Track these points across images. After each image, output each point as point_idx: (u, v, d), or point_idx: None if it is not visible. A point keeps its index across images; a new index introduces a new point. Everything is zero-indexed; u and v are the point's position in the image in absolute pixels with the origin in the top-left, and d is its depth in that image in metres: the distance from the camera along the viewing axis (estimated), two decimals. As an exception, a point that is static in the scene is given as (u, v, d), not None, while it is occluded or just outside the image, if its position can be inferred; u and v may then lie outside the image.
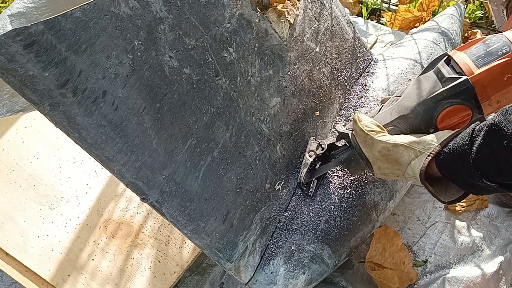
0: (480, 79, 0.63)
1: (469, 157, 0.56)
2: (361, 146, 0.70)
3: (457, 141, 0.59)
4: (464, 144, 0.57)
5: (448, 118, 0.66)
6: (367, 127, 0.69)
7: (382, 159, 0.68)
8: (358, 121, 0.70)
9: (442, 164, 0.61)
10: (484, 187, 0.57)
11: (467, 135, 0.57)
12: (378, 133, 0.68)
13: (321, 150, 0.82)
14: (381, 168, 0.69)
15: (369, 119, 0.70)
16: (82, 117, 0.51)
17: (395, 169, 0.67)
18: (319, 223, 0.79)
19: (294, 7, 0.83)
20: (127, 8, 0.54)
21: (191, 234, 0.66)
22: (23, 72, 0.46)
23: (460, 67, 0.65)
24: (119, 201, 1.00)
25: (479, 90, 0.64)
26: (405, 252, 0.92)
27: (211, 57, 0.66)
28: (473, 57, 0.65)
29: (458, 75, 0.65)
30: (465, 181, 0.59)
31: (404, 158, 0.64)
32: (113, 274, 0.91)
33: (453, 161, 0.59)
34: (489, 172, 0.55)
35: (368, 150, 0.69)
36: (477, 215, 1.01)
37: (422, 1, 1.53)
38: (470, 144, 0.56)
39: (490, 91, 0.64)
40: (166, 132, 0.60)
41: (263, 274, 0.75)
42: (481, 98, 0.65)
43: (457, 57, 0.67)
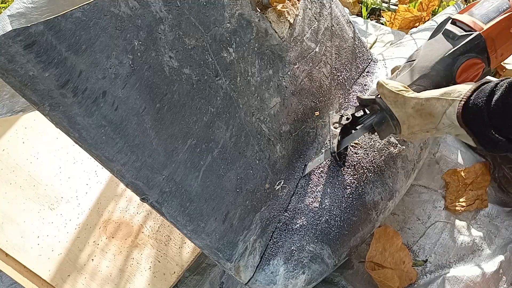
0: (489, 33, 0.70)
1: (485, 108, 0.59)
2: (391, 107, 0.72)
3: (481, 93, 0.61)
4: (484, 96, 0.60)
5: (466, 72, 0.72)
6: (396, 87, 0.70)
7: (415, 115, 0.69)
8: (386, 84, 0.71)
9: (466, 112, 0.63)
10: (495, 141, 0.60)
11: (489, 88, 0.60)
12: (408, 91, 0.70)
13: (346, 120, 0.82)
14: (411, 126, 0.71)
15: (394, 82, 0.72)
16: (82, 117, 0.51)
17: (427, 123, 0.69)
18: (319, 223, 0.79)
19: (294, 7, 0.83)
20: (127, 8, 0.54)
21: (191, 234, 0.66)
22: (23, 73, 0.46)
23: (468, 25, 0.72)
24: (119, 202, 1.00)
25: (489, 43, 0.71)
26: (405, 251, 0.92)
27: (211, 57, 0.66)
28: (477, 16, 0.72)
29: (469, 32, 0.71)
30: (479, 132, 0.62)
31: (437, 109, 0.66)
32: (113, 274, 0.91)
33: (471, 111, 0.62)
34: (500, 124, 0.59)
35: (400, 110, 0.71)
36: (477, 214, 1.01)
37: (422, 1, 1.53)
38: (490, 96, 0.59)
39: (497, 43, 0.71)
40: (166, 132, 0.60)
41: (263, 274, 0.75)
42: (491, 51, 0.71)
43: (463, 18, 0.73)
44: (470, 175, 1.05)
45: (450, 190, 1.04)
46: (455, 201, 1.02)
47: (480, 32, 0.70)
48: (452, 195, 1.03)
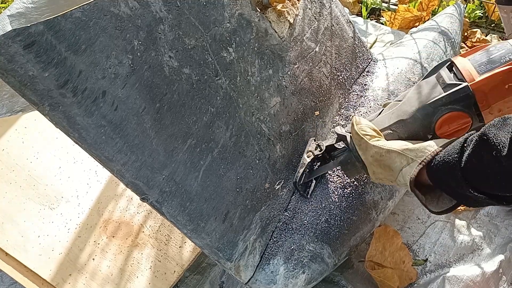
0: (480, 86, 0.62)
1: (458, 167, 0.55)
2: (357, 149, 0.70)
3: (449, 150, 0.58)
4: (454, 153, 0.56)
5: (447, 125, 0.65)
6: (363, 130, 0.69)
7: (375, 164, 0.68)
8: (355, 124, 0.70)
9: (432, 172, 0.60)
10: (473, 198, 0.56)
11: (458, 144, 0.57)
12: (373, 137, 0.68)
13: (319, 151, 0.82)
14: (376, 173, 0.69)
15: (367, 123, 0.70)
16: (82, 117, 0.51)
17: (388, 175, 0.67)
18: (319, 222, 0.79)
19: (294, 7, 0.83)
20: (127, 8, 0.54)
21: (191, 234, 0.66)
22: (23, 73, 0.46)
23: (461, 73, 0.64)
24: (119, 201, 1.01)
25: (480, 97, 0.63)
26: (405, 251, 0.92)
27: (210, 57, 0.66)
28: (476, 63, 0.64)
29: (459, 81, 0.64)
30: (454, 191, 0.59)
31: (396, 164, 0.64)
32: (114, 274, 0.92)
33: (442, 170, 0.58)
34: (477, 182, 0.54)
35: (363, 154, 0.69)
36: (476, 214, 1.01)
37: (422, 1, 1.53)
38: (460, 154, 0.55)
39: (491, 99, 0.63)
40: (166, 132, 0.60)
41: (263, 273, 0.75)
42: (482, 106, 0.64)
43: (460, 63, 0.66)
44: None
45: (449, 190, 1.04)
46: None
47: (469, 84, 0.63)
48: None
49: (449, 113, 0.64)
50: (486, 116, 0.65)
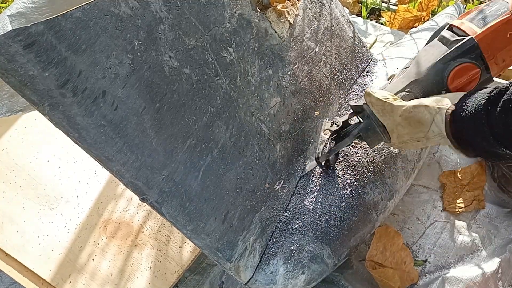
0: (484, 37, 0.67)
1: (487, 129, 0.57)
2: (379, 116, 0.71)
3: (474, 106, 0.59)
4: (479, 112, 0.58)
5: (458, 78, 0.69)
6: (383, 95, 0.70)
7: (403, 123, 0.68)
8: (373, 93, 0.70)
9: (461, 130, 0.62)
10: (503, 155, 0.59)
11: (482, 102, 0.58)
12: (395, 99, 0.69)
13: (336, 127, 0.83)
14: (400, 136, 0.70)
15: (382, 91, 0.72)
16: (81, 117, 0.51)
17: (417, 132, 0.68)
18: (318, 223, 0.79)
19: (294, 7, 0.83)
20: (127, 8, 0.54)
21: (190, 234, 0.66)
22: (23, 72, 0.46)
23: (463, 30, 0.69)
24: (119, 201, 1.00)
25: (484, 48, 0.67)
26: (406, 251, 0.92)
27: (211, 57, 0.66)
28: (474, 20, 0.69)
29: (463, 37, 0.69)
30: (484, 148, 0.61)
31: (426, 116, 0.65)
32: (113, 274, 0.91)
33: (471, 130, 0.60)
34: (508, 143, 0.57)
35: (387, 118, 0.70)
36: (476, 214, 1.01)
37: (422, 1, 1.53)
38: (486, 116, 0.57)
39: (495, 48, 0.68)
40: (165, 132, 0.60)
41: (263, 274, 0.75)
42: (487, 56, 0.68)
43: (459, 23, 0.71)
44: (466, 176, 1.05)
45: (447, 192, 1.04)
46: (452, 202, 1.02)
47: (473, 36, 0.68)
48: (449, 197, 1.03)
49: (459, 65, 0.68)
50: (492, 66, 0.69)
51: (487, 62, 0.69)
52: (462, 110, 0.61)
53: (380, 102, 0.69)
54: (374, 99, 0.70)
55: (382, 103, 0.69)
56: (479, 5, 0.72)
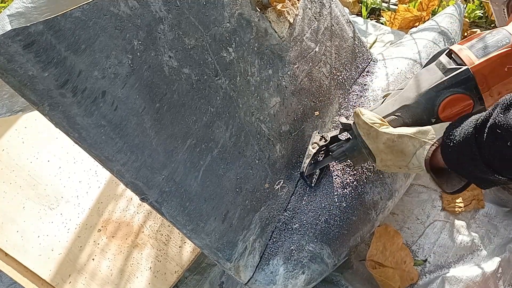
0: (480, 69, 0.66)
1: (478, 157, 0.57)
2: (365, 138, 0.71)
3: (462, 135, 0.59)
4: (469, 141, 0.58)
5: (450, 108, 0.67)
6: (370, 119, 0.69)
7: (386, 151, 0.68)
8: (361, 115, 0.70)
9: (449, 158, 0.62)
10: (496, 181, 0.58)
11: (470, 130, 0.58)
12: (381, 125, 0.69)
13: (324, 142, 0.83)
14: (384, 160, 0.70)
15: (371, 113, 0.71)
16: (81, 117, 0.51)
17: (399, 160, 0.68)
18: (318, 222, 0.79)
19: (294, 7, 0.83)
20: (127, 8, 0.54)
21: (190, 234, 0.66)
22: (23, 72, 0.46)
23: (461, 58, 0.68)
24: (119, 201, 1.00)
25: (480, 80, 0.66)
26: (406, 251, 0.92)
27: (210, 57, 0.66)
28: (474, 49, 0.68)
29: (459, 66, 0.67)
30: (477, 177, 0.60)
31: (409, 148, 0.65)
32: (113, 274, 0.91)
33: (462, 159, 0.60)
34: (500, 168, 0.56)
35: (372, 143, 0.70)
36: (476, 214, 1.01)
37: (422, 1, 1.53)
38: (476, 144, 0.57)
39: (491, 81, 0.66)
40: (165, 132, 0.60)
41: (263, 274, 0.75)
42: (482, 88, 0.66)
43: (458, 49, 0.69)
44: (466, 176, 1.05)
45: (446, 192, 1.04)
46: (452, 202, 1.02)
47: (469, 67, 0.66)
48: (449, 196, 1.03)
49: (451, 95, 0.67)
50: (487, 98, 0.67)
51: (481, 94, 0.67)
52: (450, 141, 0.60)
53: (367, 126, 0.69)
54: (361, 122, 0.70)
55: (368, 127, 0.69)
56: (483, 32, 0.70)
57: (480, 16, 1.57)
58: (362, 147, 0.73)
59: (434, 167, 0.65)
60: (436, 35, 1.12)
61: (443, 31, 1.13)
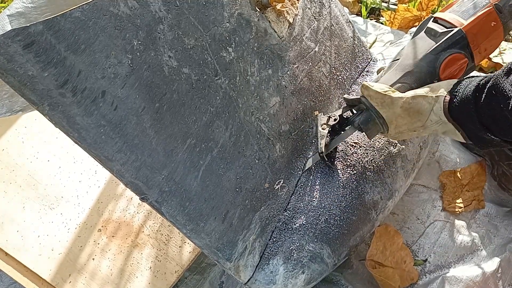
0: (470, 28, 0.72)
1: (475, 115, 0.61)
2: (379, 108, 0.73)
3: (464, 92, 0.63)
4: (469, 98, 0.61)
5: (449, 67, 0.73)
6: (382, 89, 0.71)
7: (403, 114, 0.70)
8: (371, 86, 0.72)
9: (453, 114, 0.65)
10: (490, 141, 0.62)
11: (472, 88, 0.62)
12: (393, 91, 0.71)
13: (333, 121, 0.83)
14: (398, 126, 0.72)
15: (378, 83, 0.74)
16: (81, 117, 0.51)
17: (415, 122, 0.70)
18: (318, 222, 0.79)
19: (293, 7, 0.83)
20: (126, 8, 0.54)
21: (190, 234, 0.66)
22: (22, 72, 0.46)
23: (450, 22, 0.74)
24: (119, 201, 1.01)
25: (471, 38, 0.72)
26: (406, 251, 0.92)
27: (210, 56, 0.66)
28: (458, 12, 0.74)
29: (450, 29, 0.73)
30: (473, 133, 0.64)
31: (425, 107, 0.68)
32: (113, 274, 0.92)
33: (461, 114, 0.63)
34: (493, 128, 0.60)
35: (387, 110, 0.72)
36: (476, 214, 1.01)
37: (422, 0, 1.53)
38: (474, 101, 0.61)
39: (479, 39, 0.73)
40: (165, 132, 0.60)
41: (263, 273, 0.75)
42: (473, 46, 0.73)
43: (444, 15, 0.75)
44: (466, 176, 1.05)
45: (447, 192, 1.04)
46: (452, 202, 1.02)
47: (461, 28, 0.72)
48: (449, 196, 1.03)
49: (450, 55, 0.72)
50: (476, 55, 0.74)
51: (472, 51, 0.73)
52: (455, 96, 0.64)
53: (380, 95, 0.71)
54: (373, 92, 0.72)
55: (382, 96, 0.71)
56: None
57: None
58: (375, 117, 0.74)
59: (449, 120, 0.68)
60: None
61: (443, 30, 1.13)
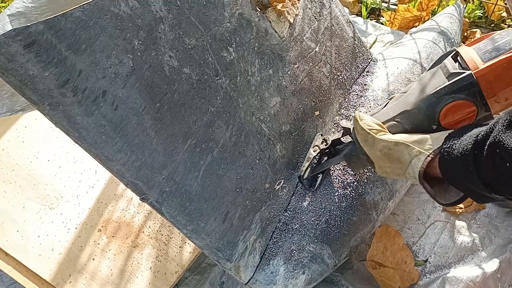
0: (485, 74, 0.60)
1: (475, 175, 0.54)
2: (362, 145, 0.70)
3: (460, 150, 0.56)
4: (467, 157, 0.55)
5: (451, 114, 0.64)
6: (368, 125, 0.68)
7: (383, 158, 0.67)
8: (359, 120, 0.69)
9: (446, 171, 0.60)
10: (493, 198, 0.56)
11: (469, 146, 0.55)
12: (379, 132, 0.67)
13: (325, 145, 0.82)
14: (382, 167, 0.69)
15: (370, 118, 0.70)
16: (82, 117, 0.51)
17: (396, 168, 0.67)
18: (319, 223, 0.79)
19: (294, 7, 0.83)
20: (127, 8, 0.54)
21: (190, 234, 0.66)
22: (23, 72, 0.46)
23: (465, 62, 0.63)
24: (119, 201, 1.00)
25: (484, 85, 0.61)
26: (407, 251, 0.92)
27: (211, 56, 0.66)
28: (480, 52, 0.62)
29: (463, 70, 0.63)
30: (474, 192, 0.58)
31: (405, 157, 0.64)
32: (114, 274, 0.91)
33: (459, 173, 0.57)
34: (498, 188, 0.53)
35: (370, 149, 0.69)
36: (476, 214, 1.01)
37: (422, 1, 1.53)
38: (474, 160, 0.54)
39: (496, 87, 0.61)
40: (166, 132, 0.60)
41: (263, 274, 0.75)
42: (487, 94, 0.62)
43: (464, 52, 0.64)
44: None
45: (448, 192, 1.04)
46: (453, 202, 1.02)
47: (473, 72, 0.61)
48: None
49: (453, 102, 0.63)
50: (492, 105, 0.63)
51: (486, 100, 0.62)
52: (448, 154, 0.58)
53: (364, 132, 0.68)
54: (359, 127, 0.69)
55: (366, 134, 0.68)
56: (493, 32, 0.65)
57: (480, 16, 1.57)
58: (360, 153, 0.71)
59: (431, 176, 0.63)
60: (436, 35, 1.12)
61: (443, 31, 1.13)
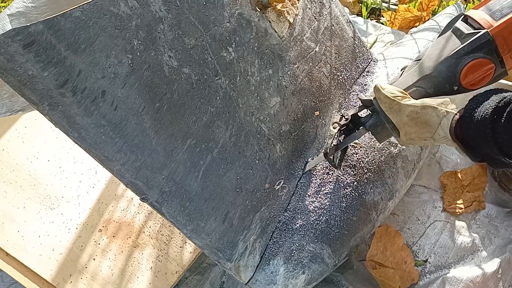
0: (500, 31, 0.63)
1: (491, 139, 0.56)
2: (387, 113, 0.69)
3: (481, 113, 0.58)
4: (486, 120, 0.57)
5: (471, 73, 0.66)
6: (392, 93, 0.68)
7: (410, 123, 0.67)
8: (382, 89, 0.69)
9: (466, 133, 0.61)
10: (508, 163, 0.58)
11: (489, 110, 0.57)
12: (403, 98, 0.68)
13: (345, 120, 0.80)
14: (408, 133, 0.69)
15: (391, 86, 0.70)
16: (81, 117, 0.51)
17: (423, 132, 0.67)
18: (319, 222, 0.79)
19: (294, 7, 0.83)
20: (127, 8, 0.54)
21: (191, 234, 0.66)
22: (22, 72, 0.46)
23: (478, 22, 0.65)
24: (119, 201, 1.01)
25: (500, 42, 0.64)
26: (407, 251, 0.92)
27: (210, 56, 0.66)
28: (490, 12, 0.65)
29: (477, 30, 0.65)
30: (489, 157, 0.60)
31: (433, 119, 0.64)
32: (114, 274, 0.91)
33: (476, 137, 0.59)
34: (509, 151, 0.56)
35: (395, 116, 0.68)
36: (476, 214, 1.01)
37: (422, 1, 1.53)
38: (492, 125, 0.56)
39: (511, 42, 0.64)
40: (165, 132, 0.60)
41: (263, 274, 0.75)
42: (503, 51, 0.64)
43: (474, 14, 0.66)
44: (467, 177, 1.04)
45: (447, 192, 1.04)
46: (453, 203, 1.02)
47: (488, 30, 0.64)
48: (449, 197, 1.03)
49: (472, 61, 0.65)
50: (508, 61, 0.66)
51: (502, 56, 0.65)
52: (469, 116, 0.60)
53: (388, 100, 0.68)
54: (382, 96, 0.69)
55: (390, 101, 0.68)
56: None
57: (481, 16, 1.57)
58: (385, 121, 0.71)
59: (459, 137, 0.64)
60: (436, 35, 1.12)
61: (443, 31, 1.13)
